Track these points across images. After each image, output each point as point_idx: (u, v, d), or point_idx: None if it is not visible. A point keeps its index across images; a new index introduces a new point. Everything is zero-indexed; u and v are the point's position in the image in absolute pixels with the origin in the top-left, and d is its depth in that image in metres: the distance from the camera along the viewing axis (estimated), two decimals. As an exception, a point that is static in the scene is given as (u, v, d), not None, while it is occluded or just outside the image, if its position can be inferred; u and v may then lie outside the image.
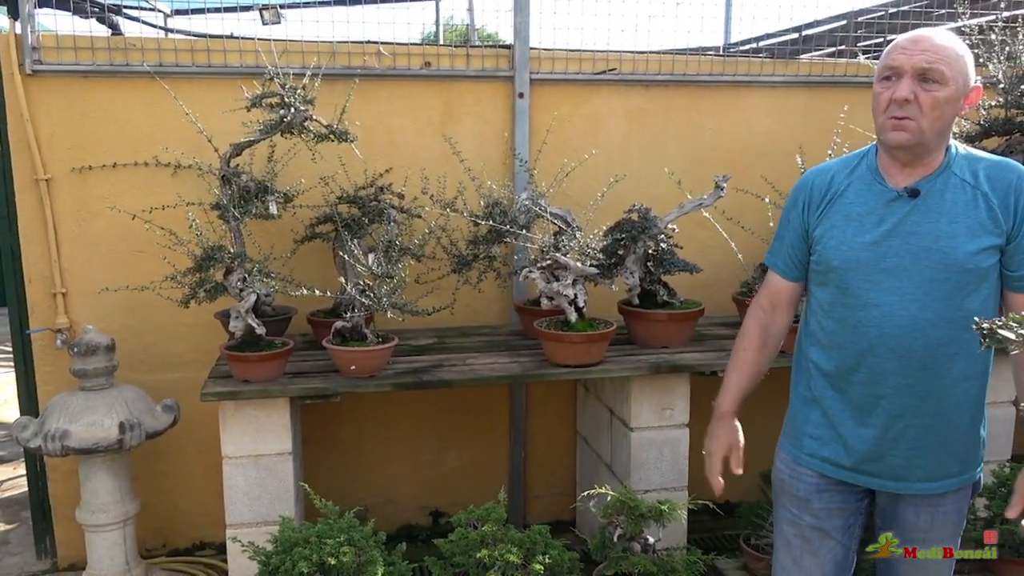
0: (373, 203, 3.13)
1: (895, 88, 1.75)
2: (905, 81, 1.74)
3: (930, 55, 1.72)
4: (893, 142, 1.79)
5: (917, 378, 1.81)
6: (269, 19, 4.43)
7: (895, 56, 1.76)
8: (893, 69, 1.76)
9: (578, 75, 3.45)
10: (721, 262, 3.56)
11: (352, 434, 3.57)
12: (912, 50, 1.74)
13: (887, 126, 1.78)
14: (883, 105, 1.77)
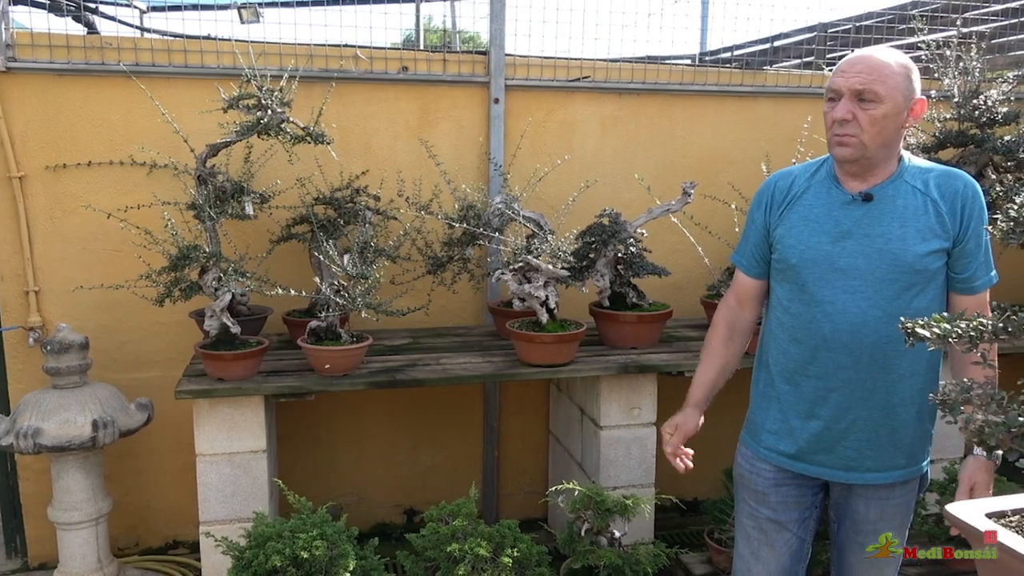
0: (349, 205, 3.18)
1: (835, 108, 1.88)
2: (843, 102, 1.87)
3: (864, 76, 1.84)
4: (838, 156, 1.92)
5: (867, 373, 1.91)
6: (247, 18, 4.45)
7: (835, 79, 1.89)
8: (834, 91, 1.89)
9: (553, 82, 3.53)
10: (690, 266, 3.66)
11: (327, 433, 3.60)
12: (848, 72, 1.86)
13: (832, 142, 1.92)
14: (828, 124, 1.91)
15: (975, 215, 1.90)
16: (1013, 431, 0.96)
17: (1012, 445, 0.97)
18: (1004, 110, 3.26)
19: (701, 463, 3.73)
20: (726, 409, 3.88)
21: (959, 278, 1.93)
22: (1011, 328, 1.05)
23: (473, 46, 7.33)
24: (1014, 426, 0.96)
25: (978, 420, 1.00)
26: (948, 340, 1.10)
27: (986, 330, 1.07)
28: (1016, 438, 0.96)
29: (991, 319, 1.09)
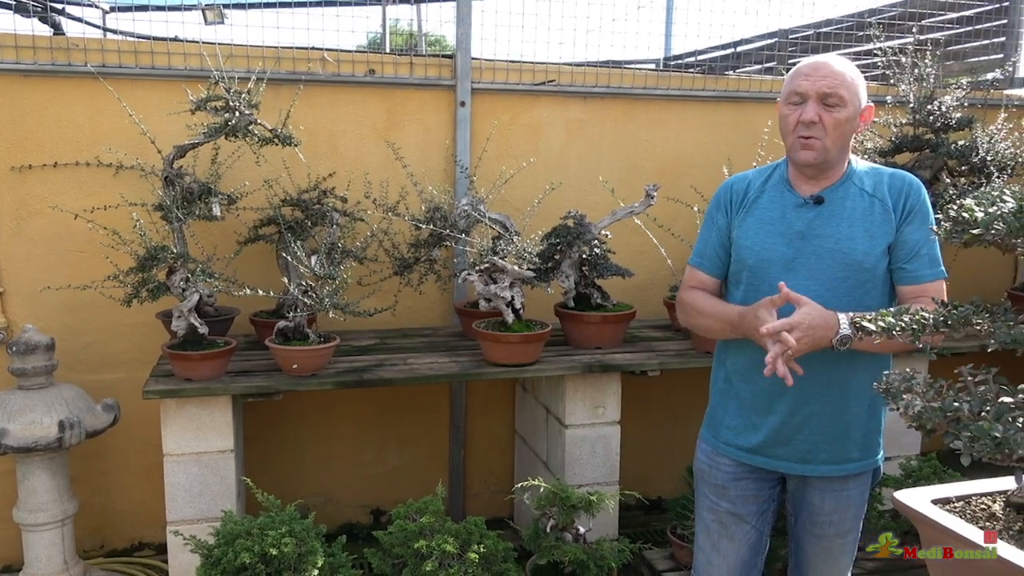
0: (316, 206, 3.20)
1: (802, 111, 1.94)
2: (810, 104, 1.93)
3: (830, 80, 1.92)
4: (802, 160, 1.98)
5: (821, 368, 1.98)
6: (212, 19, 4.43)
7: (799, 82, 1.95)
8: (799, 94, 1.95)
9: (518, 86, 3.58)
10: (652, 267, 3.73)
11: (294, 434, 3.62)
12: (814, 76, 1.93)
13: (796, 145, 1.97)
14: (791, 126, 1.97)
15: (916, 208, 1.99)
16: (948, 415, 1.02)
17: (948, 428, 1.03)
18: (958, 116, 3.37)
19: (663, 462, 3.83)
20: (688, 409, 3.96)
21: (897, 267, 1.99)
22: (951, 322, 1.12)
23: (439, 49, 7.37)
24: (949, 411, 1.03)
25: (917, 406, 1.07)
26: (892, 333, 1.16)
27: (928, 323, 1.14)
28: (951, 422, 1.02)
29: (932, 313, 1.16)
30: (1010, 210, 1.02)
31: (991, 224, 1.02)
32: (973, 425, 0.98)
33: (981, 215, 1.06)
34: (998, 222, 1.01)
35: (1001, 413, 0.99)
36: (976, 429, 0.97)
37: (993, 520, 1.30)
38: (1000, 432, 0.95)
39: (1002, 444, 0.94)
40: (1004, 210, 1.03)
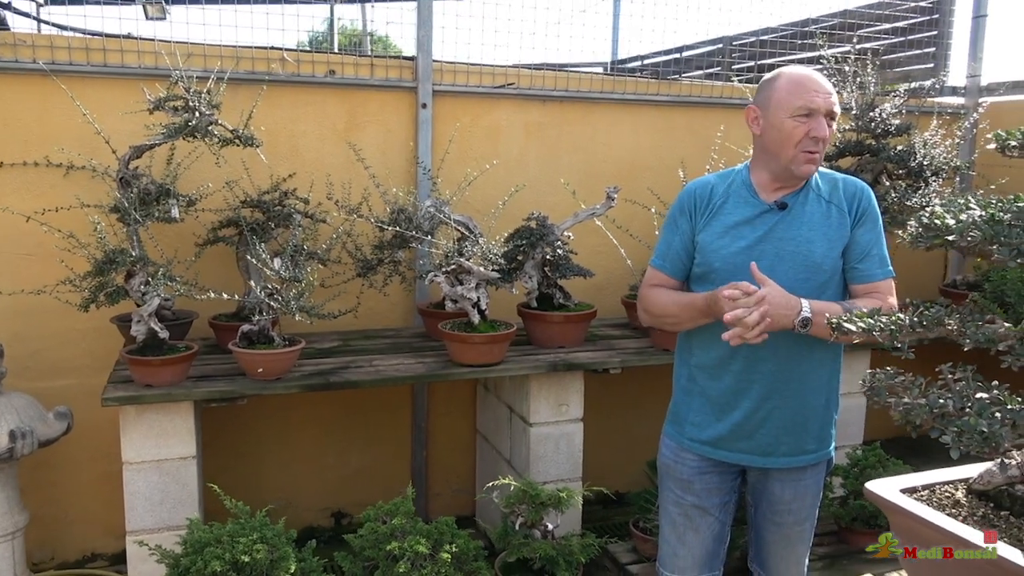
0: (277, 207, 3.17)
1: (813, 127, 2.00)
2: (822, 120, 2.01)
3: (833, 97, 2.03)
4: (806, 172, 2.05)
5: (784, 365, 2.07)
6: (153, 14, 4.34)
7: (812, 98, 2.00)
8: (812, 109, 2.00)
9: (479, 88, 3.61)
10: (610, 267, 3.79)
11: (253, 439, 3.57)
12: (822, 92, 2.02)
13: (801, 159, 2.03)
14: (798, 139, 2.01)
15: (868, 212, 2.12)
16: (935, 412, 1.09)
17: (934, 424, 1.10)
18: (897, 122, 3.54)
19: (621, 458, 3.91)
20: (644, 405, 4.05)
21: (850, 267, 2.10)
22: (925, 322, 1.20)
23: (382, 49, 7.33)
24: (935, 407, 1.10)
25: (904, 402, 1.14)
26: (872, 333, 1.24)
27: (904, 324, 1.22)
28: (937, 418, 1.09)
29: (907, 315, 1.24)
30: (981, 218, 1.10)
31: (966, 231, 1.10)
32: (960, 421, 1.05)
33: (953, 222, 1.14)
34: (973, 229, 1.09)
35: (983, 409, 1.06)
36: (964, 425, 1.04)
37: (958, 507, 1.39)
38: (986, 427, 1.02)
39: (989, 438, 1.01)
40: (975, 217, 1.11)
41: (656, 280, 2.25)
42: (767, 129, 2.06)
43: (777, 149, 2.05)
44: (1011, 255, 1.07)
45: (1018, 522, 1.28)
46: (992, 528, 1.25)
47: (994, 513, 1.33)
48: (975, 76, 4.33)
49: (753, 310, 1.87)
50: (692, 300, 2.11)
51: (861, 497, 3.16)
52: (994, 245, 1.08)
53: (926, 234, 1.19)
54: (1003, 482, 1.32)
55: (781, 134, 2.03)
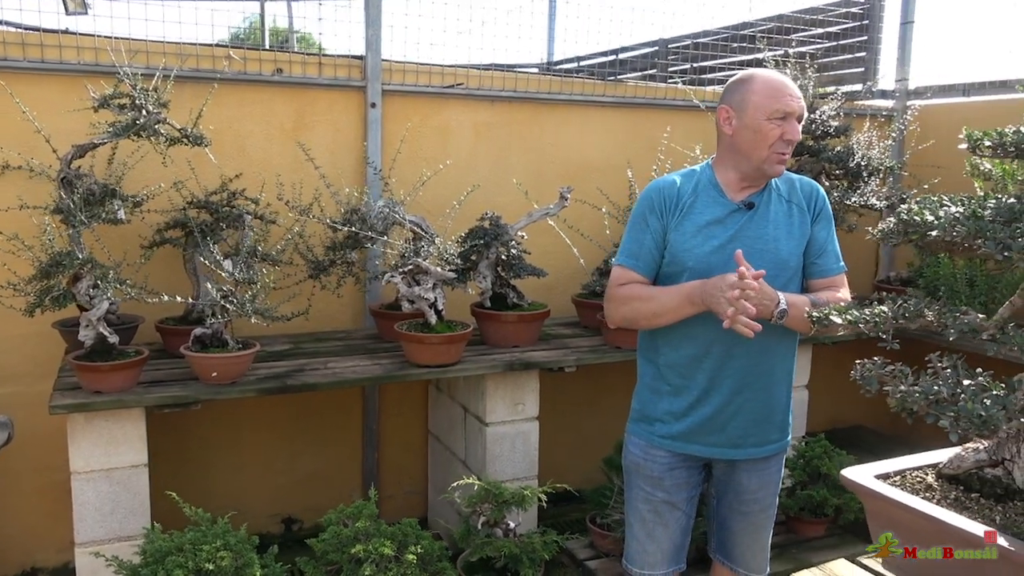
0: (226, 208, 3.10)
1: (788, 129, 2.08)
2: (795, 124, 2.09)
3: (802, 101, 2.10)
4: (777, 173, 2.13)
5: (755, 359, 2.14)
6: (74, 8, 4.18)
7: (788, 101, 2.08)
8: (787, 112, 2.08)
9: (428, 88, 3.60)
10: (560, 266, 3.83)
11: (199, 445, 3.48)
12: (796, 97, 2.10)
13: (773, 159, 2.10)
14: (772, 140, 2.08)
15: (823, 210, 2.22)
16: (930, 398, 1.15)
17: (929, 410, 1.16)
18: (836, 124, 3.68)
19: (574, 455, 3.95)
20: (596, 404, 4.12)
21: (809, 263, 2.20)
22: (907, 314, 1.26)
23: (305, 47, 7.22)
24: (931, 394, 1.16)
25: (901, 389, 1.19)
26: (858, 325, 1.30)
27: (888, 317, 1.28)
28: (932, 404, 1.15)
29: (888, 308, 1.30)
30: (963, 214, 1.17)
31: (951, 227, 1.16)
32: (959, 406, 1.11)
33: (933, 219, 1.20)
34: (957, 225, 1.16)
35: (977, 394, 1.13)
36: (961, 410, 1.10)
37: (930, 491, 1.47)
38: (984, 411, 1.08)
39: (988, 421, 1.07)
40: (957, 213, 1.18)
41: (626, 279, 2.23)
42: (740, 130, 2.11)
43: (750, 150, 2.11)
44: (997, 249, 1.13)
45: (989, 503, 1.36)
46: (965, 509, 1.33)
47: (965, 496, 1.40)
48: (903, 80, 4.53)
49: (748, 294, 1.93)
50: (678, 289, 2.11)
51: (808, 487, 3.28)
52: (979, 240, 1.14)
53: (905, 230, 1.25)
54: (972, 466, 1.40)
55: (757, 135, 2.08)
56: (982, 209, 1.18)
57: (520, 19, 4.05)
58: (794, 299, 2.05)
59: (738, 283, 1.94)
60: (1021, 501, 1.37)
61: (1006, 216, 1.15)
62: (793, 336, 2.25)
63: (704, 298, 2.03)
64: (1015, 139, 1.21)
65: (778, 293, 2.02)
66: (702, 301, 2.04)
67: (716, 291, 1.99)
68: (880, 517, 1.47)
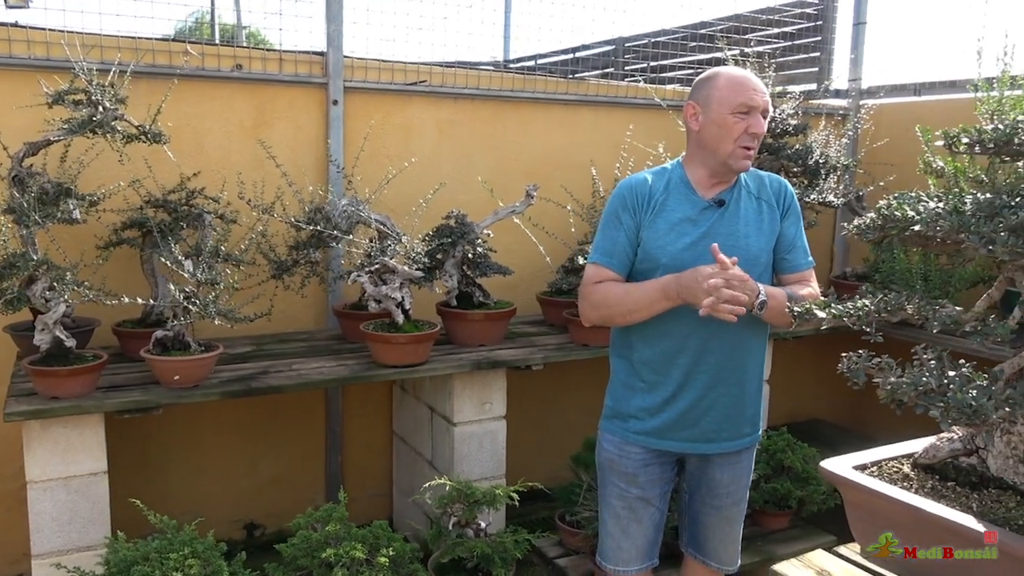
0: (185, 207, 3.03)
1: (752, 123, 2.10)
2: (759, 117, 2.12)
3: (766, 95, 2.13)
4: (742, 168, 2.16)
5: (728, 354, 2.17)
6: (15, 2, 4.05)
7: (751, 95, 2.10)
8: (751, 106, 2.10)
9: (391, 85, 3.56)
10: (523, 264, 3.82)
11: (157, 451, 3.39)
12: (759, 91, 2.12)
13: (739, 154, 2.12)
14: (736, 134, 2.10)
15: (792, 206, 2.27)
16: (919, 389, 1.17)
17: (918, 401, 1.18)
18: (794, 123, 3.74)
19: (540, 453, 3.95)
20: (561, 402, 4.13)
21: (780, 258, 2.24)
22: (888, 308, 1.28)
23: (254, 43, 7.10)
24: (919, 385, 1.18)
25: (891, 381, 1.21)
26: (843, 319, 1.32)
27: (871, 310, 1.30)
28: (921, 395, 1.17)
29: (871, 301, 1.33)
30: (945, 209, 1.19)
31: (934, 222, 1.18)
32: (948, 396, 1.14)
33: (914, 214, 1.23)
34: (940, 220, 1.18)
35: (963, 385, 1.15)
36: (952, 400, 1.12)
37: (907, 480, 1.50)
38: (974, 401, 1.10)
39: (978, 411, 1.10)
40: (937, 209, 1.20)
41: (601, 277, 2.23)
42: (707, 125, 2.14)
43: (716, 144, 2.13)
44: (981, 243, 1.16)
45: (964, 491, 1.39)
46: (942, 498, 1.36)
47: (941, 484, 1.44)
48: (856, 80, 4.62)
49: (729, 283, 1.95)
50: (655, 284, 2.11)
51: (773, 480, 3.33)
52: (962, 235, 1.17)
53: (884, 225, 1.27)
54: (948, 455, 1.43)
55: (722, 130, 2.11)
56: (963, 204, 1.21)
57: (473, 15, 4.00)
58: (773, 291, 2.09)
59: (719, 272, 1.96)
60: (995, 489, 1.41)
61: (987, 211, 1.18)
62: (765, 331, 2.29)
63: (680, 291, 2.05)
64: (994, 135, 1.24)
65: (758, 284, 2.05)
66: (678, 295, 2.06)
67: (693, 282, 2.01)
68: (859, 507, 1.50)
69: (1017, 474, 1.35)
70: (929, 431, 1.69)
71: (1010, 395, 1.20)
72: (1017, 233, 1.16)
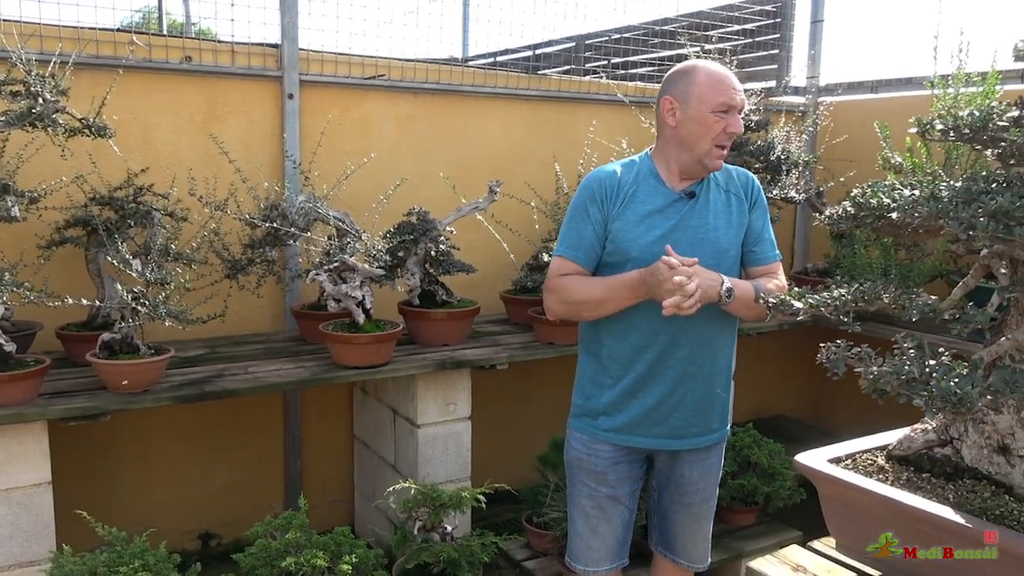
0: (132, 205, 2.90)
1: (731, 123, 2.07)
2: (738, 117, 2.08)
3: (743, 95, 2.10)
4: (716, 167, 2.13)
5: (696, 348, 2.13)
6: None
7: (731, 94, 2.06)
8: (731, 106, 2.06)
9: (348, 79, 3.46)
10: (484, 262, 3.75)
11: (106, 459, 3.25)
12: (739, 90, 2.08)
13: (715, 153, 2.09)
14: (715, 133, 2.07)
15: (759, 199, 2.24)
16: (902, 377, 1.14)
17: (900, 390, 1.15)
18: (756, 119, 3.73)
19: (501, 455, 3.89)
20: (525, 402, 4.06)
21: (748, 250, 2.21)
22: (866, 297, 1.25)
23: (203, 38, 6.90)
24: (902, 374, 1.14)
25: (873, 370, 1.17)
26: (820, 309, 1.28)
27: (848, 299, 1.26)
28: (904, 384, 1.14)
29: (848, 291, 1.29)
30: (921, 196, 1.16)
31: (911, 209, 1.15)
32: (932, 385, 1.10)
33: (890, 201, 1.19)
34: (919, 207, 1.14)
35: (946, 374, 1.12)
36: (937, 388, 1.09)
37: (883, 473, 1.47)
38: (960, 389, 1.07)
39: (964, 399, 1.06)
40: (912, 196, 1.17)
41: (567, 270, 2.19)
42: (685, 122, 2.09)
43: (694, 142, 2.09)
44: (961, 229, 1.13)
45: (940, 482, 1.36)
46: (918, 489, 1.33)
47: (917, 476, 1.41)
48: (814, 77, 4.65)
49: (692, 280, 1.91)
50: (622, 278, 2.07)
51: (740, 476, 3.31)
52: (940, 220, 1.13)
53: (858, 214, 1.24)
54: (922, 447, 1.40)
55: (701, 128, 2.07)
56: (939, 191, 1.18)
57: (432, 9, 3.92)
58: (738, 282, 2.06)
59: (681, 269, 1.93)
60: (970, 479, 1.38)
61: (964, 197, 1.15)
62: (733, 326, 2.26)
63: (645, 288, 2.01)
64: (969, 121, 1.21)
65: (721, 276, 2.01)
66: (645, 291, 2.02)
67: (654, 280, 1.97)
68: (835, 501, 1.46)
69: (992, 464, 1.33)
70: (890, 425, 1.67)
71: (992, 382, 1.17)
72: (996, 218, 1.14)
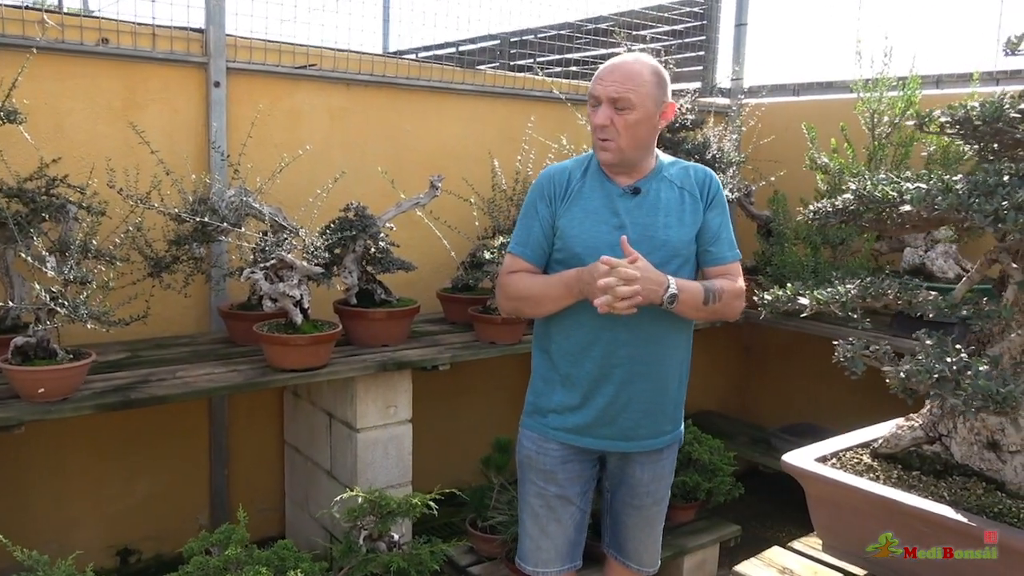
0: (44, 197, 2.68)
1: (594, 115, 2.05)
2: (602, 109, 2.04)
3: (618, 85, 2.02)
4: (601, 160, 2.11)
5: (644, 348, 2.10)
6: None
7: (595, 87, 2.05)
8: (595, 98, 2.06)
9: (278, 67, 3.30)
10: (420, 260, 3.63)
11: (13, 474, 2.99)
12: (607, 80, 2.04)
13: (598, 147, 2.09)
14: (592, 128, 2.08)
15: (717, 197, 2.20)
16: (935, 376, 1.12)
17: (932, 389, 1.13)
18: (692, 117, 3.76)
19: (441, 458, 3.80)
20: (465, 403, 3.98)
21: (703, 250, 2.18)
22: (873, 293, 1.23)
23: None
24: (933, 372, 1.12)
25: (905, 368, 1.15)
26: (829, 305, 1.26)
27: (852, 294, 1.25)
28: (936, 383, 1.12)
29: (855, 287, 1.27)
30: (939, 188, 1.15)
31: (931, 200, 1.14)
32: (969, 384, 1.08)
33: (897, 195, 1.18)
34: (939, 198, 1.13)
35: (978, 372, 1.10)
36: (976, 387, 1.07)
37: (871, 471, 1.46)
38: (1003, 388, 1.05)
39: (1008, 398, 1.04)
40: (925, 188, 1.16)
41: (516, 267, 2.19)
42: None
43: None
44: (988, 221, 1.12)
45: (931, 480, 1.37)
46: (911, 488, 1.32)
47: (906, 474, 1.41)
48: (738, 79, 4.74)
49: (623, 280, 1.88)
50: (559, 278, 2.08)
51: (681, 473, 3.32)
52: (961, 213, 1.13)
53: (860, 207, 1.23)
54: (910, 444, 1.41)
55: (590, 123, 2.10)
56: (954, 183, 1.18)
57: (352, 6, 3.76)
58: (686, 284, 2.03)
59: (609, 271, 1.90)
60: (960, 476, 1.39)
61: (983, 190, 1.15)
62: (686, 325, 2.23)
63: (580, 287, 1.99)
64: (982, 112, 1.21)
65: (667, 277, 1.98)
66: (579, 291, 2.00)
67: (589, 279, 1.95)
68: (824, 501, 1.45)
69: (983, 460, 1.34)
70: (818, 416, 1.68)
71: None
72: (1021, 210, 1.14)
